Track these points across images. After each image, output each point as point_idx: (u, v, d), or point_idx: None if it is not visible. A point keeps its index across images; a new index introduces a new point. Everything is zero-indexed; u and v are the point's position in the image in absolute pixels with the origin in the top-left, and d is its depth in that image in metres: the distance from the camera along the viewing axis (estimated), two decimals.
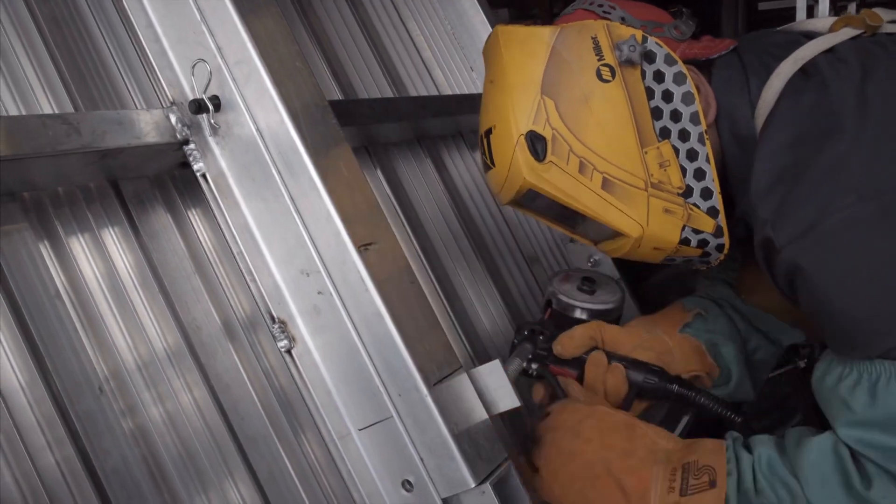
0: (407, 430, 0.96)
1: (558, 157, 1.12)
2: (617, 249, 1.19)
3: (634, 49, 1.10)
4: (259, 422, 1.01)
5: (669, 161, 1.11)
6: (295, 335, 1.00)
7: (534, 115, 1.12)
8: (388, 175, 1.48)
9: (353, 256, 0.96)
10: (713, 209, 1.13)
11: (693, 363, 1.32)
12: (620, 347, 1.29)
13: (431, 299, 1.41)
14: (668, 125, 1.12)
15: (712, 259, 1.18)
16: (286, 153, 0.98)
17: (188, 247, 1.06)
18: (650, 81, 1.12)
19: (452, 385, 0.98)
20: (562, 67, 1.12)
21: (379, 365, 0.96)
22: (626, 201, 1.12)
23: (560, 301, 1.38)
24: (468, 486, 0.93)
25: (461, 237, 1.58)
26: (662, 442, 1.12)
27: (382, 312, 0.95)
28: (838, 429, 0.99)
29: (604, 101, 1.11)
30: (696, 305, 1.38)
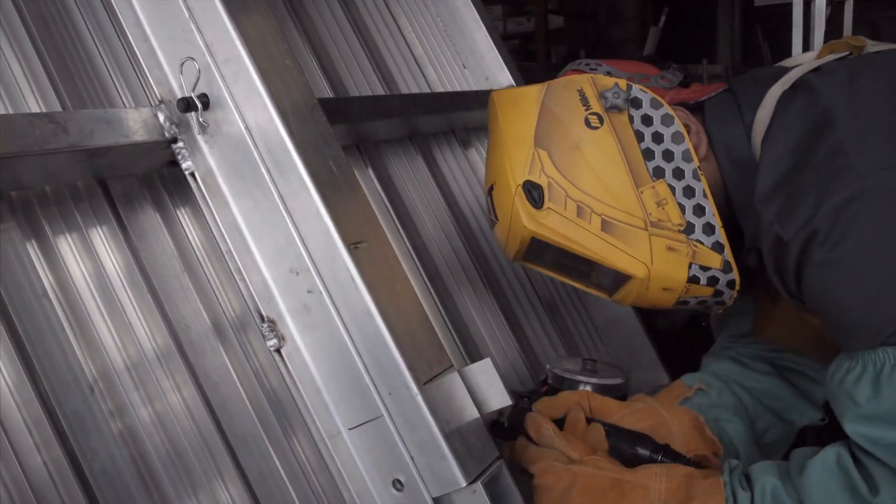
0: (397, 429, 0.95)
1: (556, 203, 1.15)
2: (627, 295, 1.20)
3: (619, 96, 1.15)
4: (248, 421, 1.01)
5: (666, 199, 1.14)
6: (284, 334, 0.99)
7: (529, 166, 1.17)
8: (379, 173, 1.48)
9: (342, 255, 0.96)
10: (718, 244, 1.14)
11: (692, 439, 1.25)
12: (607, 415, 1.24)
13: (423, 298, 1.41)
14: (661, 165, 1.15)
15: (726, 297, 1.18)
16: (275, 151, 0.98)
17: (177, 246, 1.05)
18: (639, 125, 1.16)
19: (443, 384, 0.98)
20: (552, 120, 1.17)
21: (369, 363, 0.96)
22: (628, 241, 1.14)
23: (557, 376, 1.33)
24: (459, 485, 0.93)
25: (454, 236, 1.58)
26: (654, 484, 1.08)
27: (372, 311, 0.95)
28: (846, 425, 0.99)
29: (594, 145, 1.15)
30: (698, 381, 1.35)
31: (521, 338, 1.57)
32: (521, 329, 1.58)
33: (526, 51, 6.62)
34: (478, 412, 1.00)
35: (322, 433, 0.99)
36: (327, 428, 0.99)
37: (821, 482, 0.99)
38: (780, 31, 3.18)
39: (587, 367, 1.35)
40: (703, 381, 1.35)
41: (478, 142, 1.78)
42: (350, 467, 0.99)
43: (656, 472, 1.09)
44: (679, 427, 1.26)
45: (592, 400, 1.25)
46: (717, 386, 1.34)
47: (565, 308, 1.71)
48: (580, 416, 1.20)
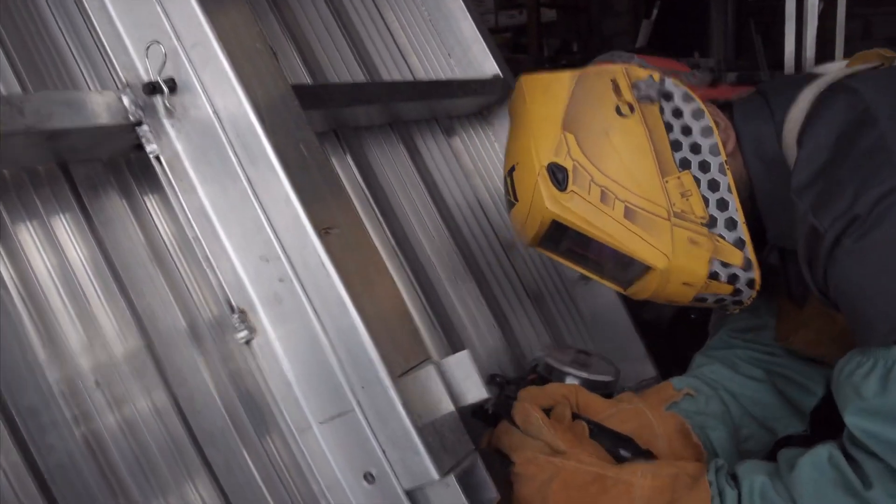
0: (369, 423, 0.92)
1: (580, 186, 1.14)
2: (644, 288, 1.18)
3: (652, 86, 1.15)
4: (217, 415, 0.98)
5: (691, 191, 1.13)
6: (255, 325, 0.96)
7: (555, 148, 1.15)
8: (358, 160, 1.45)
9: (313, 241, 0.93)
10: (739, 240, 1.14)
11: (677, 444, 1.24)
12: (593, 414, 1.22)
13: (404, 288, 1.38)
14: (687, 156, 1.14)
15: (744, 297, 1.17)
16: (244, 135, 0.94)
17: (145, 235, 1.02)
18: (669, 117, 1.16)
19: (419, 377, 0.95)
20: (582, 106, 1.17)
21: (342, 356, 0.93)
22: (650, 230, 1.12)
23: (547, 365, 1.30)
24: (432, 478, 0.91)
25: (437, 225, 1.55)
26: (639, 481, 1.05)
27: (345, 300, 0.92)
28: (847, 416, 0.98)
29: (623, 133, 1.15)
30: (687, 385, 1.33)
31: (506, 329, 1.54)
32: (506, 320, 1.56)
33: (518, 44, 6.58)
34: (453, 406, 0.97)
35: (292, 427, 0.96)
36: (297, 422, 0.96)
37: (812, 478, 0.97)
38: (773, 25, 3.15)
39: (579, 359, 1.33)
40: (692, 386, 1.32)
41: (462, 130, 1.75)
42: (320, 461, 0.96)
43: (641, 470, 1.07)
44: (664, 430, 1.24)
45: (580, 396, 1.23)
46: (705, 392, 1.32)
47: (552, 299, 1.68)
48: (566, 412, 1.18)
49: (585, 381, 1.28)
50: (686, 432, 1.25)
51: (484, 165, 1.76)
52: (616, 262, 1.18)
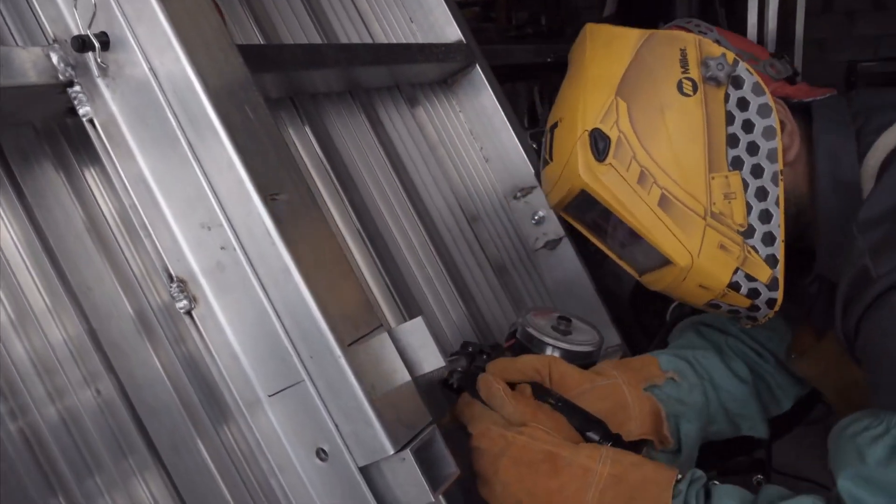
0: (320, 395, 0.88)
1: (619, 161, 1.06)
2: (659, 280, 1.12)
3: (722, 68, 1.05)
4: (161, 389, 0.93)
5: (736, 194, 1.06)
6: (196, 295, 0.91)
7: (603, 113, 1.07)
8: (316, 129, 1.39)
9: (257, 207, 0.88)
10: (772, 258, 1.06)
11: (647, 427, 1.18)
12: (567, 389, 1.14)
13: (361, 258, 1.34)
14: (741, 156, 1.06)
15: (760, 315, 1.11)
16: (183, 96, 0.89)
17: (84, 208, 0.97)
18: (732, 107, 1.07)
19: (371, 345, 0.91)
20: (643, 72, 1.07)
21: (288, 325, 0.88)
22: (681, 225, 1.05)
23: (526, 333, 1.23)
24: (386, 453, 0.87)
25: (399, 196, 1.50)
26: (597, 467, 0.98)
27: (291, 268, 0.87)
28: (840, 479, 0.90)
29: (680, 114, 1.06)
30: (673, 368, 1.26)
31: (468, 300, 1.50)
32: (468, 291, 1.52)
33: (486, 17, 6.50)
34: (409, 375, 0.93)
35: (239, 402, 0.92)
36: (245, 396, 0.92)
37: None
38: None
39: (560, 326, 1.26)
40: (679, 370, 1.26)
41: (425, 99, 1.70)
42: (270, 437, 0.91)
43: (602, 454, 1.00)
44: (639, 412, 1.18)
45: (554, 368, 1.15)
46: (691, 380, 1.26)
47: (515, 270, 1.65)
48: (527, 392, 1.11)
49: (566, 352, 1.22)
50: (658, 418, 1.19)
51: (449, 137, 1.72)
52: (637, 247, 1.13)
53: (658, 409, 1.20)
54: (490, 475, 1.02)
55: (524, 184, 1.69)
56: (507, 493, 1.00)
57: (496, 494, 1.02)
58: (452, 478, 0.91)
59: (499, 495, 1.01)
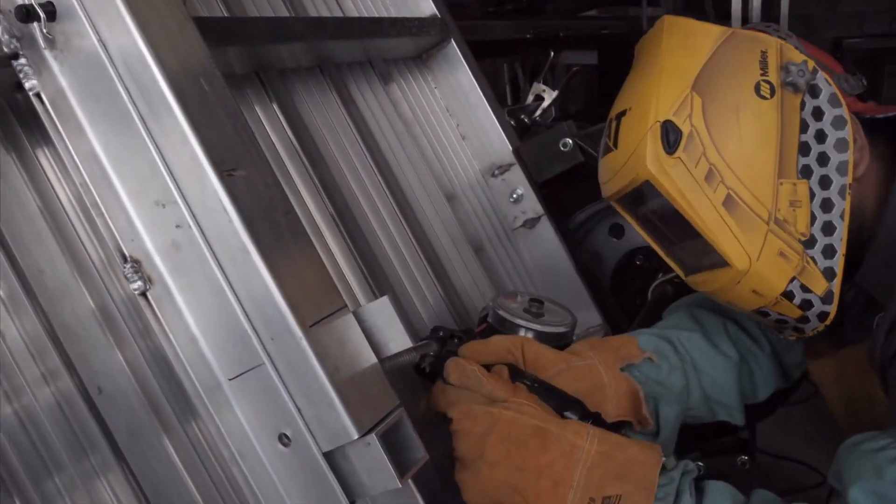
0: (281, 378, 0.85)
1: (689, 155, 1.04)
2: (710, 282, 1.10)
3: (803, 74, 1.05)
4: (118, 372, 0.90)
5: (801, 202, 1.04)
6: (151, 276, 0.87)
7: (677, 106, 1.05)
8: (284, 106, 1.35)
9: (213, 183, 0.84)
10: (830, 271, 1.06)
11: (624, 408, 1.16)
12: (541, 369, 1.11)
13: (334, 240, 1.30)
14: (811, 165, 1.05)
15: (808, 328, 1.10)
16: (135, 69, 0.85)
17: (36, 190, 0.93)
18: (807, 115, 1.06)
19: (335, 326, 0.88)
20: (721, 69, 1.06)
21: (247, 306, 0.85)
22: (743, 227, 1.04)
23: (498, 316, 1.19)
24: (351, 437, 0.83)
25: (372, 175, 1.46)
26: (584, 444, 0.96)
27: (248, 246, 0.83)
28: (854, 490, 0.89)
29: (755, 115, 1.04)
30: (653, 348, 1.23)
31: (444, 281, 1.47)
32: (444, 271, 1.48)
33: None
34: (375, 357, 0.89)
35: (199, 387, 0.88)
36: (205, 380, 0.88)
37: None
38: None
39: (532, 308, 1.23)
40: (660, 350, 1.23)
41: (399, 76, 1.66)
42: (231, 423, 0.88)
43: (588, 432, 0.98)
44: (615, 392, 1.15)
45: (527, 349, 1.12)
46: (671, 362, 1.23)
47: (493, 249, 1.61)
48: (504, 373, 1.08)
49: (539, 334, 1.19)
50: (637, 399, 1.16)
51: (424, 114, 1.68)
52: (692, 247, 1.10)
53: (636, 390, 1.17)
54: (474, 457, 0.98)
55: (502, 161, 1.66)
56: (494, 474, 0.96)
57: (481, 477, 0.97)
58: (421, 463, 0.88)
59: (484, 477, 0.97)
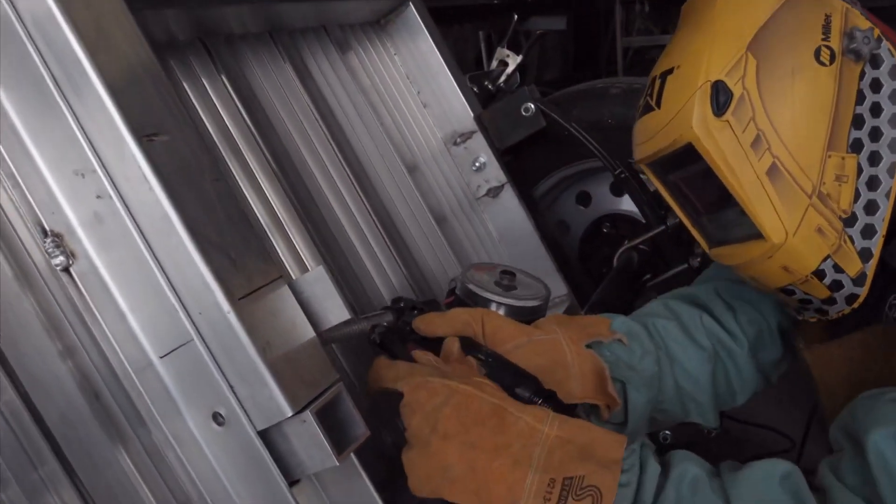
0: (212, 354, 0.81)
1: (737, 119, 0.98)
2: (739, 255, 1.05)
3: (868, 42, 1.00)
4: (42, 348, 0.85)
5: (848, 178, 1.00)
6: (74, 250, 0.83)
7: (731, 66, 0.99)
8: (232, 75, 1.29)
9: (132, 149, 0.79)
10: (867, 251, 1.01)
11: (589, 386, 1.10)
12: (500, 343, 1.06)
13: (284, 210, 1.25)
14: (863, 139, 1.01)
15: (834, 309, 1.05)
16: (46, 30, 0.80)
17: None
18: (865, 86, 1.01)
19: (268, 299, 0.83)
20: (780, 31, 1.01)
21: (174, 278, 0.80)
22: (784, 199, 0.99)
23: (467, 289, 1.13)
24: (285, 414, 0.80)
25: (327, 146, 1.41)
26: (544, 428, 0.91)
27: (171, 215, 0.79)
28: (872, 434, 0.84)
29: (811, 82, 0.99)
30: (626, 331, 1.17)
31: (404, 253, 1.43)
32: (404, 243, 1.44)
33: None
34: (313, 330, 0.85)
35: (127, 366, 0.84)
36: (134, 359, 0.84)
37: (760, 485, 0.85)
38: None
39: (503, 280, 1.18)
40: (633, 334, 1.18)
41: (357, 43, 1.61)
42: (163, 403, 0.84)
43: (548, 416, 0.92)
44: (579, 370, 1.10)
45: (487, 321, 1.07)
46: (645, 348, 1.18)
47: (457, 220, 1.57)
48: (452, 348, 1.03)
49: (510, 308, 1.14)
50: (603, 377, 1.11)
51: (383, 82, 1.63)
52: (723, 217, 1.06)
53: (601, 367, 1.12)
54: (425, 432, 0.91)
55: (464, 129, 1.61)
56: (446, 449, 0.90)
57: (430, 453, 0.91)
58: (360, 440, 0.84)
59: (434, 453, 0.91)
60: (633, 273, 1.58)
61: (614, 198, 1.87)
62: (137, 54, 0.85)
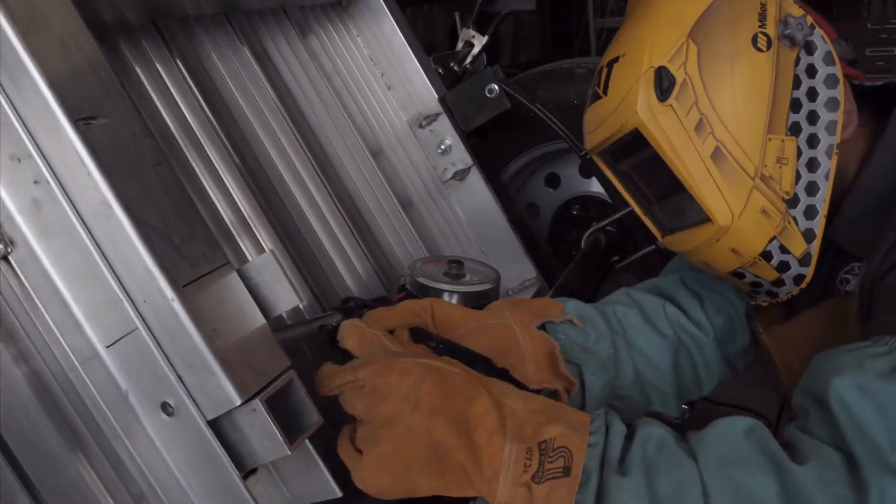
0: (158, 343, 0.78)
1: (680, 104, 1.01)
2: (688, 241, 1.06)
3: (801, 28, 1.03)
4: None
5: (788, 160, 1.03)
6: (13, 237, 0.80)
7: (673, 53, 1.02)
8: (187, 59, 1.27)
9: (68, 133, 0.76)
10: (811, 232, 1.03)
11: (544, 369, 1.10)
12: (450, 329, 1.05)
13: (241, 194, 1.23)
14: (801, 123, 1.03)
15: (783, 291, 1.07)
16: None
17: None
18: (801, 71, 1.04)
19: (214, 285, 0.81)
20: (719, 19, 1.03)
21: (116, 265, 0.78)
22: (729, 182, 1.01)
23: (417, 283, 1.13)
24: (233, 403, 0.77)
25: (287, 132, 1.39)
26: (510, 402, 0.90)
27: (111, 200, 0.76)
28: (833, 382, 0.85)
29: (750, 67, 1.02)
30: (578, 314, 1.16)
31: (368, 239, 1.41)
32: (368, 229, 1.42)
33: None
34: (262, 316, 0.83)
35: (72, 356, 0.82)
36: (79, 349, 0.81)
37: (724, 440, 0.86)
38: None
39: (452, 270, 1.18)
40: (588, 318, 1.17)
41: (318, 25, 1.58)
42: (111, 394, 0.81)
43: (513, 391, 0.92)
44: (532, 353, 1.09)
45: (437, 309, 1.06)
46: (600, 332, 1.17)
47: (422, 203, 1.55)
48: (404, 335, 1.02)
49: (462, 295, 1.14)
50: (554, 358, 1.10)
51: (346, 64, 1.60)
52: (673, 204, 1.08)
53: (552, 346, 1.11)
54: (405, 413, 0.87)
55: (429, 111, 1.59)
56: (433, 425, 0.87)
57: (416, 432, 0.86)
58: (314, 428, 0.82)
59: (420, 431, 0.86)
60: (602, 255, 1.57)
61: (583, 179, 1.86)
62: (73, 35, 0.81)
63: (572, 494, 0.84)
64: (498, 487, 0.86)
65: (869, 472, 0.80)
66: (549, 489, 0.85)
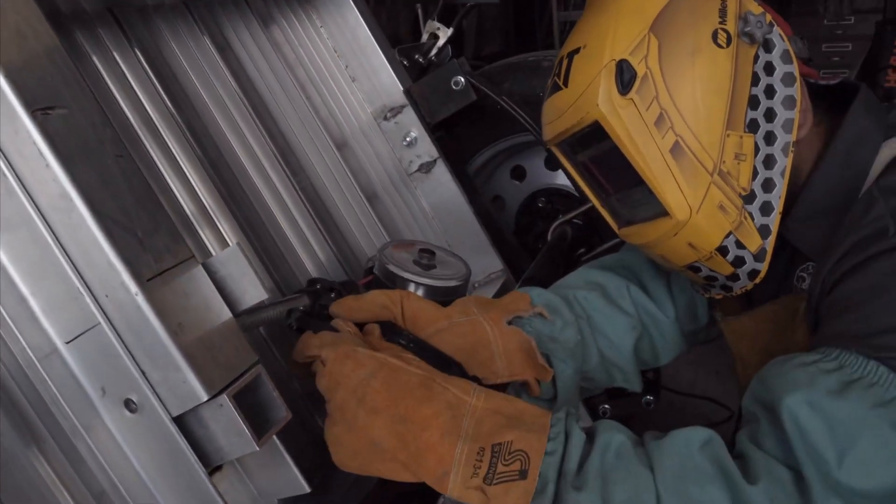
0: (121, 339, 0.77)
1: (641, 98, 1.00)
2: (645, 234, 1.06)
3: (760, 26, 1.03)
4: None
5: (746, 157, 1.03)
6: None
7: (634, 46, 1.01)
8: (146, 50, 1.24)
9: (25, 124, 0.74)
10: (766, 228, 1.04)
11: (517, 363, 1.10)
12: (421, 327, 1.05)
13: (203, 186, 1.21)
14: (758, 120, 1.04)
15: (737, 286, 1.08)
16: None
17: None
18: (759, 69, 1.04)
19: (179, 279, 0.79)
20: (681, 14, 1.03)
21: (77, 260, 0.76)
22: (688, 176, 1.01)
23: (385, 270, 1.10)
24: (200, 399, 0.76)
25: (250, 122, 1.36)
26: (470, 399, 0.91)
27: (70, 192, 0.74)
28: (786, 399, 0.86)
29: (709, 62, 1.02)
30: (545, 303, 1.17)
31: (333, 231, 1.39)
32: (333, 222, 1.40)
33: None
34: (228, 310, 0.82)
35: (30, 353, 0.79)
36: (37, 345, 0.79)
37: (681, 452, 0.87)
38: None
39: (423, 259, 1.16)
40: (552, 307, 1.18)
41: (281, 16, 1.55)
42: (71, 391, 0.79)
43: (474, 389, 0.92)
44: (503, 348, 1.10)
45: (407, 304, 1.05)
46: (565, 319, 1.18)
47: (388, 195, 1.54)
48: (375, 332, 1.01)
49: (429, 289, 1.12)
50: (530, 350, 1.11)
51: (310, 56, 1.58)
52: (631, 197, 1.08)
53: (527, 341, 1.12)
54: (352, 406, 0.89)
55: (394, 103, 1.58)
56: (374, 423, 0.88)
57: (357, 428, 0.89)
58: (282, 423, 0.81)
59: (360, 428, 0.89)
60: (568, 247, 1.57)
61: (549, 172, 1.86)
62: (29, 23, 0.79)
63: (528, 496, 0.85)
64: (448, 486, 0.87)
65: (816, 491, 0.82)
66: (504, 491, 0.86)
